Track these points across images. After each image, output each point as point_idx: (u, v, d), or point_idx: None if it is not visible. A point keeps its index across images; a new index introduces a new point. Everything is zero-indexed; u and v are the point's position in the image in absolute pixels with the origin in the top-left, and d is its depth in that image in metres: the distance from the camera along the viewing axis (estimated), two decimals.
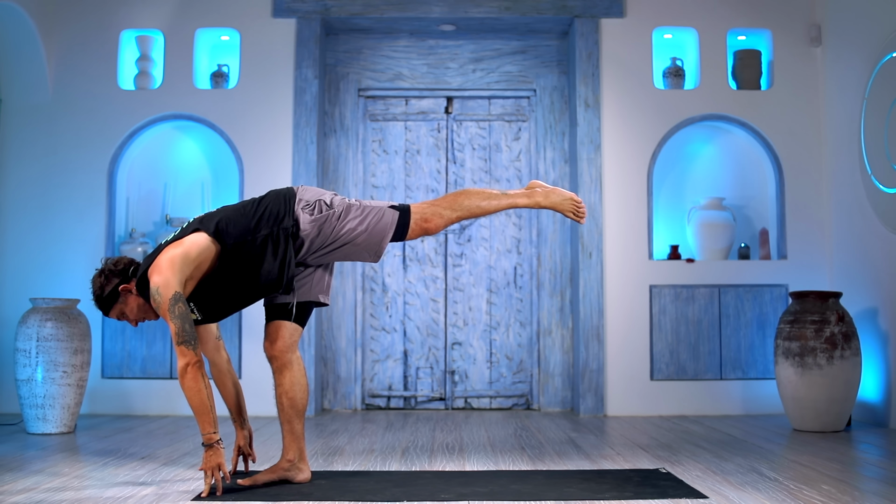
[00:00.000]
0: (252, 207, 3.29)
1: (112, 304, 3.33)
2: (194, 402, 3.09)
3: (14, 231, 5.91)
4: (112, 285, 3.31)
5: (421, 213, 3.32)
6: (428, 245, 6.31)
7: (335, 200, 3.32)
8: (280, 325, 3.36)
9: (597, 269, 5.92)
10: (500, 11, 6.08)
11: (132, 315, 3.35)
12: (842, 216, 5.80)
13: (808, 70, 6.09)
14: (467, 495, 3.16)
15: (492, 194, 3.39)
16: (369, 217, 3.29)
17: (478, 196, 3.37)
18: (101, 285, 3.31)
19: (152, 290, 3.14)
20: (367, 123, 6.39)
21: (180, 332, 3.08)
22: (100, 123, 5.97)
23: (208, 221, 3.26)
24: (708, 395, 5.88)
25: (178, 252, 3.17)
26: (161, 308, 3.12)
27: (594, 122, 6.02)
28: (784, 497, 3.11)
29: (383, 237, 3.30)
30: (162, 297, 3.11)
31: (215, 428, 3.13)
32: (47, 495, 3.16)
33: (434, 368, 6.23)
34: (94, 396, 5.76)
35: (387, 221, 3.29)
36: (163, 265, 3.15)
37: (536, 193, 3.43)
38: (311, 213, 3.26)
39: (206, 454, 3.13)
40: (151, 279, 3.16)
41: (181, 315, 3.10)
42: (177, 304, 3.10)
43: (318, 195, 3.32)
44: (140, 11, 6.07)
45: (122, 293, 3.32)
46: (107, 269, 3.32)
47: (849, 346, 4.97)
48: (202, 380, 3.10)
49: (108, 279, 3.31)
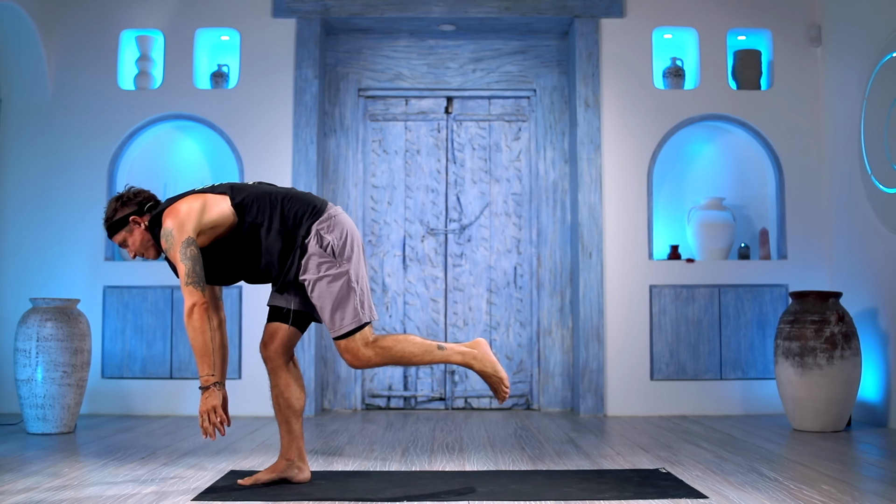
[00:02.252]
0: (279, 198, 3.28)
1: (118, 230, 3.36)
2: (197, 342, 3.11)
3: (14, 231, 5.91)
4: (124, 213, 3.34)
5: (363, 340, 3.18)
6: (428, 245, 6.31)
7: (344, 259, 3.21)
8: (277, 328, 3.36)
9: (597, 269, 5.92)
10: (500, 11, 6.08)
11: (133, 247, 3.37)
12: (842, 216, 5.80)
13: (808, 70, 6.09)
14: (467, 495, 3.16)
15: (429, 349, 3.23)
16: (339, 307, 3.18)
17: (415, 346, 3.22)
18: (114, 209, 3.35)
19: (165, 231, 3.18)
20: (367, 123, 6.39)
21: (190, 274, 3.12)
22: (100, 123, 5.97)
23: (237, 193, 3.28)
24: (708, 395, 5.88)
25: (198, 205, 3.22)
26: (172, 248, 3.16)
27: (594, 122, 6.02)
28: (784, 497, 3.11)
29: (331, 328, 3.21)
30: (174, 239, 3.15)
31: (213, 371, 3.13)
32: (47, 495, 3.16)
33: (434, 368, 6.23)
34: (94, 396, 5.76)
35: (346, 323, 3.18)
36: (181, 211, 3.19)
37: (475, 355, 3.26)
38: (323, 248, 3.22)
39: (203, 397, 3.12)
40: (165, 221, 3.20)
41: (192, 257, 3.14)
42: (189, 248, 3.14)
43: (340, 234, 3.22)
44: (140, 11, 6.07)
45: (132, 223, 3.34)
46: (125, 196, 3.36)
47: (849, 346, 4.97)
48: (207, 322, 3.12)
49: (123, 206, 3.34)
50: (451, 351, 3.24)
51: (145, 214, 3.34)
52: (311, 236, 3.22)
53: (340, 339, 3.19)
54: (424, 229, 6.31)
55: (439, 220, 6.32)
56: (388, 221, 6.32)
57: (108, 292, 5.87)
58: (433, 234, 6.31)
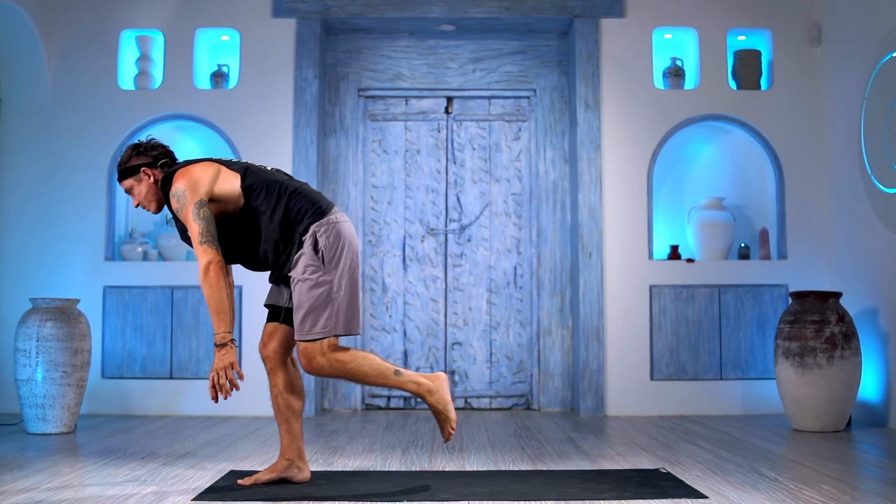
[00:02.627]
0: (288, 191, 3.27)
1: (128, 177, 3.39)
2: (214, 299, 3.11)
3: (14, 231, 5.91)
4: (137, 162, 3.37)
5: (321, 349, 3.17)
6: (428, 245, 6.31)
7: (332, 268, 3.20)
8: (276, 328, 3.36)
9: (597, 269, 5.92)
10: (500, 11, 6.08)
11: (138, 196, 3.40)
12: (842, 216, 5.80)
13: (808, 70, 6.09)
14: (467, 495, 3.16)
15: (385, 372, 3.19)
16: (312, 313, 3.17)
17: (370, 367, 3.18)
18: (129, 156, 3.39)
19: (177, 191, 3.20)
20: (367, 123, 6.39)
21: (203, 233, 3.15)
22: (100, 123, 5.97)
23: (249, 175, 3.29)
24: (708, 395, 5.88)
25: (212, 172, 3.25)
26: (184, 209, 3.18)
27: (594, 122, 6.02)
28: (784, 497, 3.11)
29: (298, 330, 3.19)
30: (187, 200, 3.17)
31: (230, 328, 3.13)
32: (47, 495, 3.16)
33: (434, 368, 6.23)
34: (94, 396, 5.76)
35: (314, 330, 3.16)
36: (195, 174, 3.22)
37: (430, 388, 3.22)
38: (315, 251, 3.22)
39: (218, 353, 3.10)
40: (178, 181, 3.22)
41: (205, 218, 3.16)
42: (201, 209, 3.17)
43: (335, 241, 3.21)
44: (140, 11, 6.07)
45: (142, 173, 3.37)
46: (143, 146, 3.40)
47: (849, 346, 4.97)
48: (224, 279, 3.14)
49: (138, 155, 3.38)
50: (407, 379, 3.21)
51: (157, 168, 3.37)
52: (307, 235, 3.22)
53: (302, 341, 3.19)
54: (424, 229, 6.31)
55: (439, 220, 6.32)
56: (388, 221, 6.32)
57: (108, 292, 5.87)
58: (433, 234, 6.31)
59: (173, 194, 3.22)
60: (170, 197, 3.25)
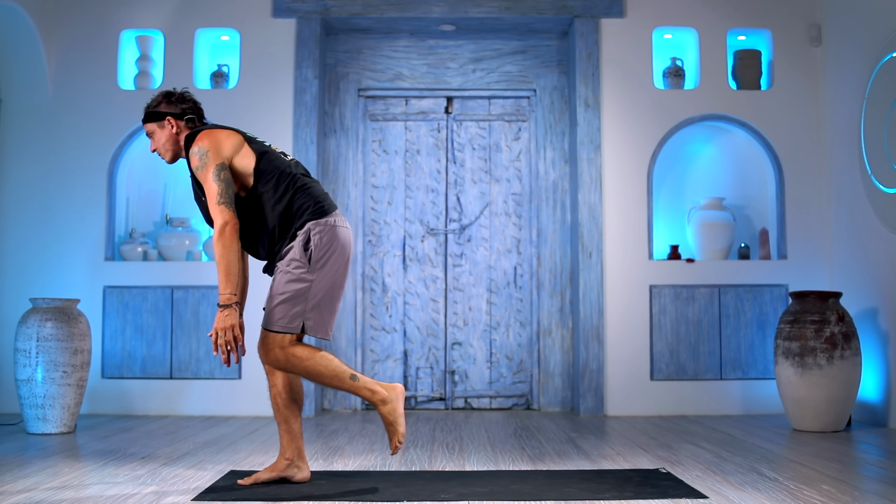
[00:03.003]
0: (297, 185, 3.28)
1: (152, 121, 3.41)
2: (225, 259, 3.11)
3: (14, 231, 5.91)
4: (165, 109, 3.40)
5: (281, 343, 3.17)
6: (428, 245, 6.31)
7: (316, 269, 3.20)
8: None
9: (597, 269, 5.92)
10: (500, 11, 6.08)
11: (157, 143, 3.42)
12: (842, 216, 5.80)
13: (808, 70, 6.09)
14: (467, 495, 3.16)
15: (340, 375, 3.18)
16: (282, 305, 3.18)
17: (326, 367, 3.17)
18: (158, 102, 3.42)
19: (200, 149, 3.22)
20: (367, 123, 6.39)
21: (222, 194, 3.16)
22: (100, 123, 5.97)
23: (265, 161, 3.29)
24: (708, 395, 5.88)
25: (236, 142, 3.28)
26: (205, 168, 3.19)
27: (594, 122, 6.02)
28: (784, 497, 3.11)
29: (265, 316, 3.20)
30: (209, 159, 3.20)
31: (236, 291, 3.12)
32: (47, 495, 3.16)
33: (434, 368, 6.23)
34: (94, 396, 5.76)
35: (279, 322, 3.17)
36: (220, 137, 3.25)
37: (384, 398, 3.19)
38: (304, 248, 3.22)
39: (220, 314, 3.09)
40: (202, 139, 3.25)
41: (225, 180, 3.18)
42: (222, 171, 3.19)
43: (327, 245, 3.22)
44: (140, 11, 6.07)
45: (166, 121, 3.39)
46: (175, 95, 3.43)
47: (849, 346, 4.97)
48: (237, 241, 3.15)
49: (167, 103, 3.40)
50: (362, 385, 3.20)
51: (182, 121, 3.39)
52: (302, 231, 3.24)
53: (265, 329, 3.19)
54: (424, 229, 6.31)
55: (439, 220, 6.32)
56: (388, 221, 6.32)
57: (108, 292, 5.87)
58: (433, 234, 6.31)
59: (195, 152, 3.24)
60: (191, 153, 3.26)
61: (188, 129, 3.39)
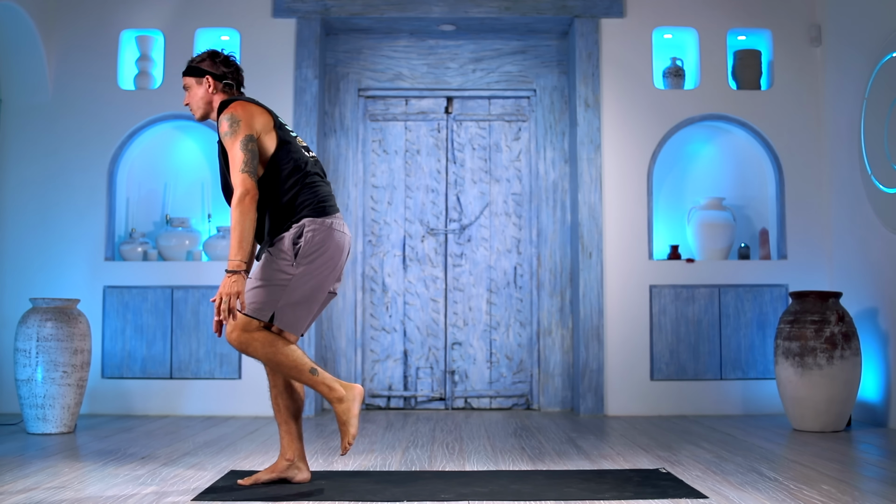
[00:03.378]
0: (307, 181, 3.30)
1: (191, 75, 3.44)
2: (240, 227, 3.12)
3: (14, 231, 5.91)
4: (207, 67, 3.43)
5: (248, 326, 3.17)
6: (428, 245, 6.31)
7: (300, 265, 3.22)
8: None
9: (597, 269, 5.92)
10: (500, 11, 6.08)
11: (191, 98, 3.45)
12: (842, 216, 5.80)
13: (808, 70, 6.09)
14: (467, 495, 3.16)
15: (300, 367, 3.18)
16: (258, 290, 3.20)
17: (287, 357, 3.17)
18: (202, 59, 3.46)
19: (232, 116, 3.24)
20: (367, 123, 6.39)
21: (248, 163, 3.18)
22: (100, 123, 5.97)
23: (284, 152, 3.31)
24: (708, 395, 5.88)
25: (265, 121, 3.30)
26: (234, 136, 3.21)
27: (594, 122, 6.02)
28: (784, 497, 3.11)
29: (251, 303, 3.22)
30: (240, 128, 3.22)
31: (246, 259, 3.13)
32: (47, 495, 3.16)
33: (434, 368, 6.23)
34: (94, 396, 5.76)
35: (251, 305, 3.18)
36: (253, 111, 3.28)
37: (341, 397, 3.19)
38: (294, 242, 3.23)
39: (228, 279, 3.09)
40: (236, 108, 3.27)
41: (252, 151, 3.21)
42: (250, 142, 3.22)
43: (318, 245, 3.23)
44: (140, 11, 6.07)
45: (205, 79, 3.42)
46: (221, 58, 3.46)
47: (849, 346, 4.97)
48: (254, 211, 3.15)
49: (211, 63, 3.44)
50: (321, 380, 3.19)
51: (220, 84, 3.42)
52: (297, 224, 3.25)
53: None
54: (424, 229, 6.31)
55: (439, 220, 6.32)
56: (388, 221, 6.32)
57: (108, 292, 5.87)
58: (433, 234, 6.31)
59: (227, 118, 3.25)
60: (222, 118, 3.28)
61: (224, 93, 3.42)
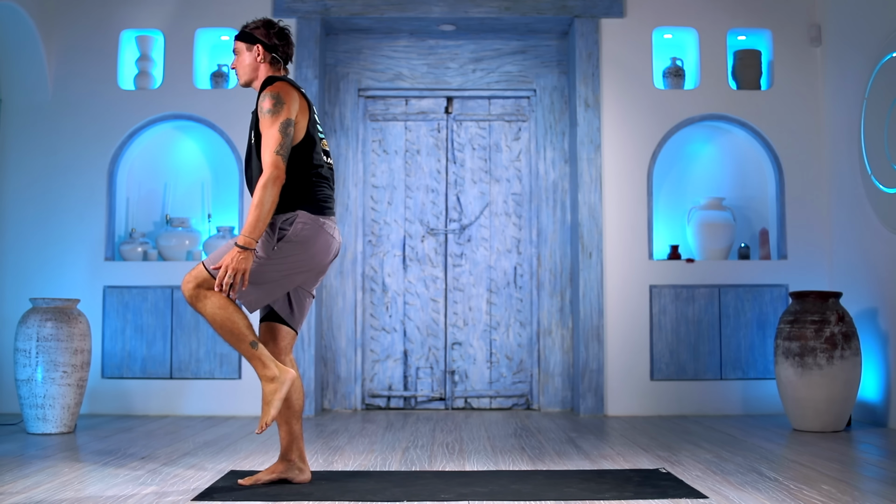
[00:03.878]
0: (311, 179, 3.32)
1: (244, 41, 3.45)
2: (261, 206, 3.12)
3: (14, 231, 5.91)
4: (260, 36, 3.44)
5: (202, 282, 3.20)
6: (428, 245, 6.31)
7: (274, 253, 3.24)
8: (271, 328, 3.38)
9: (597, 269, 5.92)
10: (500, 11, 6.08)
11: (239, 63, 3.46)
12: (842, 216, 5.80)
13: (808, 70, 6.09)
14: (467, 495, 3.16)
15: (241, 336, 3.18)
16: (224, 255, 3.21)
17: (231, 321, 3.17)
18: (257, 27, 3.47)
19: (276, 95, 3.25)
20: (367, 123, 6.39)
21: (283, 146, 3.20)
22: (100, 123, 5.97)
23: (308, 147, 3.32)
24: (708, 395, 5.88)
25: (304, 111, 3.31)
26: (275, 116, 3.22)
27: (594, 122, 6.02)
28: (784, 497, 3.11)
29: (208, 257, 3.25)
30: (281, 109, 3.23)
31: (257, 238, 3.13)
32: (47, 495, 3.16)
33: (434, 368, 6.23)
34: (94, 396, 5.76)
35: (210, 258, 3.23)
36: (294, 97, 3.29)
37: (272, 377, 3.17)
38: (281, 228, 3.25)
39: (237, 253, 3.09)
40: (280, 88, 3.27)
41: (289, 136, 3.23)
42: (288, 127, 3.23)
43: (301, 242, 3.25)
44: (140, 11, 6.07)
45: (256, 48, 3.44)
46: (276, 29, 3.48)
47: (849, 346, 4.97)
48: (277, 196, 3.16)
49: (265, 34, 3.45)
50: (257, 355, 3.18)
51: (269, 55, 3.44)
52: (290, 214, 3.25)
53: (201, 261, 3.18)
54: (424, 229, 6.31)
55: (439, 220, 6.32)
56: (388, 221, 6.32)
57: (108, 292, 5.87)
58: (433, 234, 6.31)
59: (272, 96, 3.25)
60: (265, 94, 3.27)
61: (270, 65, 3.44)
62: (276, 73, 3.45)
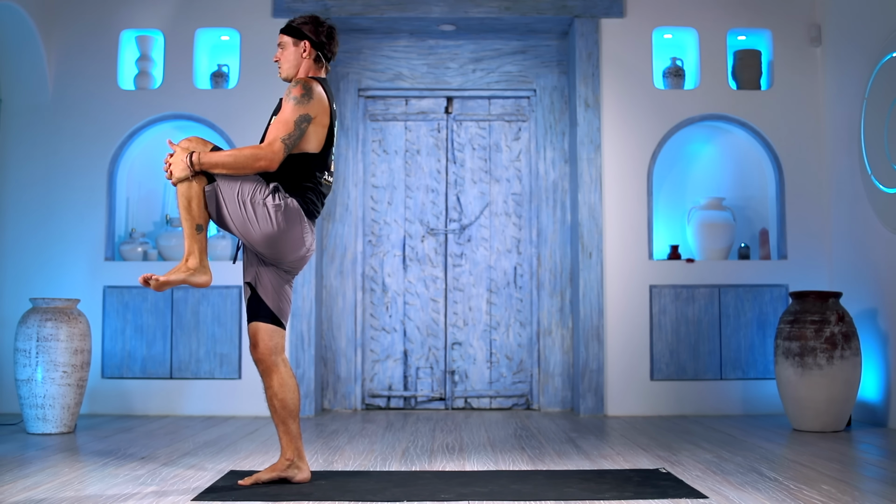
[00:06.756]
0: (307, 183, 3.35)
1: (291, 35, 3.46)
2: (234, 161, 3.18)
3: (14, 231, 5.91)
4: (308, 33, 3.45)
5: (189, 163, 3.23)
6: (428, 245, 6.31)
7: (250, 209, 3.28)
8: (257, 328, 3.38)
9: (597, 269, 5.92)
10: (500, 11, 6.08)
11: (283, 56, 3.47)
12: (842, 216, 5.80)
13: (808, 70, 6.09)
14: (467, 495, 3.16)
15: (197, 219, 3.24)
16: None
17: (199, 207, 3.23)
18: (306, 22, 3.48)
19: (306, 89, 3.29)
20: (367, 123, 6.39)
21: (290, 137, 3.24)
22: (100, 123, 5.97)
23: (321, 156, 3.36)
24: (708, 395, 5.88)
25: (325, 121, 3.33)
26: (297, 107, 3.26)
27: (594, 122, 6.02)
28: (784, 497, 3.11)
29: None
30: (307, 104, 3.27)
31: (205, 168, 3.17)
32: (48, 495, 3.16)
33: (434, 368, 6.23)
34: (94, 396, 5.76)
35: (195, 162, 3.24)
36: (324, 105, 3.32)
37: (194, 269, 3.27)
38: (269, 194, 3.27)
39: (184, 157, 3.17)
40: (313, 85, 3.32)
41: (302, 131, 3.26)
42: (304, 123, 3.27)
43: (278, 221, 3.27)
44: (140, 11, 6.07)
45: (303, 44, 3.45)
46: (324, 28, 3.48)
47: (849, 346, 4.97)
48: (252, 170, 3.19)
49: (313, 31, 3.46)
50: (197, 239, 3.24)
51: (312, 50, 3.45)
52: (280, 193, 3.26)
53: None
54: (424, 229, 6.31)
55: (439, 220, 6.32)
56: (388, 221, 6.32)
57: (108, 292, 5.87)
58: (433, 234, 6.31)
59: (304, 87, 3.29)
60: (296, 83, 3.31)
61: (313, 64, 3.46)
62: (317, 73, 3.48)
